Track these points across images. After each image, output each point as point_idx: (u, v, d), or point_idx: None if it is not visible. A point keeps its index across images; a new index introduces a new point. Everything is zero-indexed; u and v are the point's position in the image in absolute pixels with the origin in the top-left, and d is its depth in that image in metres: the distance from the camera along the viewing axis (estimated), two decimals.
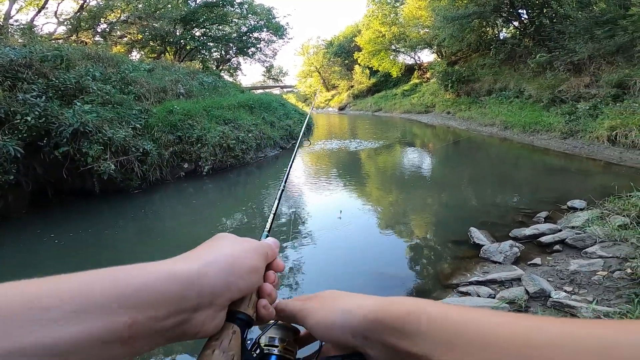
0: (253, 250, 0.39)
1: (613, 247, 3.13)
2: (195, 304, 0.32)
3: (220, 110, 8.86)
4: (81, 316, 0.25)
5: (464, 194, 5.93)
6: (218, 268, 0.34)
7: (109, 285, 0.28)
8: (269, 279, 0.42)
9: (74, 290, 0.26)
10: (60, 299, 0.25)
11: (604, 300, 2.48)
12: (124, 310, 0.27)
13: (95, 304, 0.26)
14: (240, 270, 0.36)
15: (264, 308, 0.40)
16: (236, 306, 0.37)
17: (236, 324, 0.36)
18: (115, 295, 0.27)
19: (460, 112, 15.45)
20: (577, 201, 4.45)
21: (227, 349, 0.33)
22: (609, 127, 7.81)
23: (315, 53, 42.41)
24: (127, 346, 0.28)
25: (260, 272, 0.40)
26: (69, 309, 0.25)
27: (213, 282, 0.33)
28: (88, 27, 14.41)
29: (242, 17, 19.09)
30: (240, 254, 0.37)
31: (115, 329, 0.27)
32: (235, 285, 0.35)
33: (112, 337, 0.26)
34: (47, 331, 0.24)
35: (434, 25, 18.30)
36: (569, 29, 11.01)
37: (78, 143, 5.70)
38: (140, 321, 0.28)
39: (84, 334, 0.25)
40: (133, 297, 0.28)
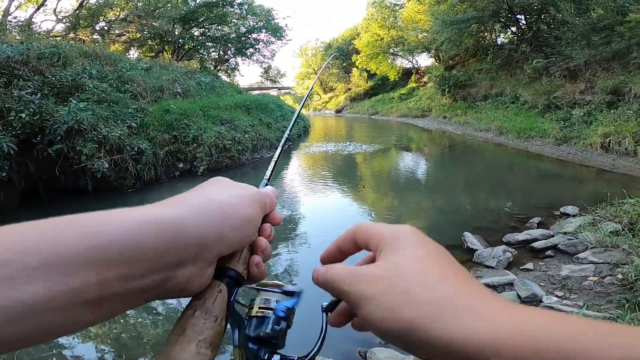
0: (249, 197, 0.34)
1: (604, 253, 3.16)
2: (178, 259, 0.27)
3: (217, 110, 8.86)
4: (44, 273, 0.21)
5: (458, 199, 5.96)
6: (206, 216, 0.29)
7: (76, 235, 0.23)
8: (265, 232, 0.37)
9: (35, 240, 0.22)
10: (19, 251, 0.21)
11: (595, 305, 2.50)
12: (90, 266, 0.22)
13: (59, 259, 0.22)
14: (233, 220, 0.31)
15: (257, 266, 0.35)
16: (224, 262, 0.32)
17: (223, 282, 0.31)
18: (84, 247, 0.23)
19: (456, 117, 15.52)
20: (570, 207, 4.48)
21: (210, 309, 0.29)
22: (602, 134, 7.87)
23: (313, 55, 42.52)
24: (94, 308, 0.23)
25: (255, 224, 0.34)
26: (30, 263, 0.21)
27: (200, 233, 0.28)
28: (87, 25, 14.37)
29: (242, 18, 19.12)
30: (234, 201, 0.32)
31: (79, 288, 0.22)
32: (226, 238, 0.30)
33: (75, 299, 0.22)
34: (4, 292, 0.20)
35: (432, 30, 18.41)
36: (566, 34, 11.07)
37: (72, 141, 5.67)
38: (109, 279, 0.23)
39: (44, 295, 0.21)
40: (102, 251, 0.23)
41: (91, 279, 0.22)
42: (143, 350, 2.53)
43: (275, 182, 7.29)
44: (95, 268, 0.23)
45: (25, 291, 0.20)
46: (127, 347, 2.54)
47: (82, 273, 0.22)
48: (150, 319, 2.87)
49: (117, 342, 2.60)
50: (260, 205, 0.35)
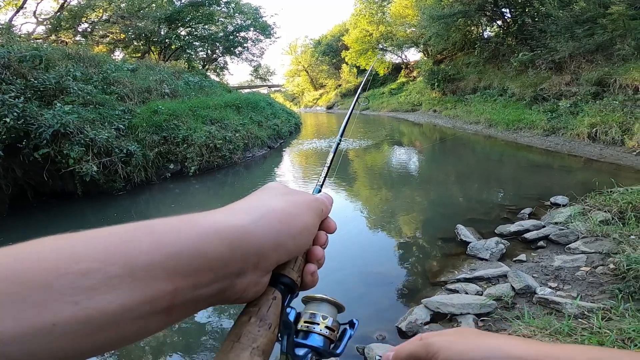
0: (307, 205, 0.34)
1: (595, 243, 3.19)
2: (240, 268, 0.27)
3: (206, 110, 8.77)
4: (123, 282, 0.21)
5: (450, 191, 6.00)
6: (268, 226, 0.29)
7: (154, 243, 0.23)
8: (320, 240, 0.37)
9: (115, 249, 0.22)
10: (101, 261, 0.21)
11: (588, 295, 2.52)
12: (167, 276, 0.23)
13: (139, 268, 0.22)
14: (292, 229, 0.31)
15: (312, 275, 0.35)
16: (279, 268, 0.32)
17: (278, 289, 0.32)
18: (160, 257, 0.23)
19: (446, 111, 15.64)
20: (560, 197, 4.53)
21: (265, 316, 0.29)
22: (589, 125, 7.99)
23: (302, 52, 42.35)
24: (165, 316, 0.24)
25: (313, 232, 0.34)
26: (112, 273, 0.21)
27: (261, 242, 0.28)
28: (69, 26, 14.07)
29: (229, 17, 18.93)
30: (293, 210, 0.32)
31: (156, 298, 0.22)
32: (285, 247, 0.30)
33: (151, 308, 0.22)
34: (85, 302, 0.19)
35: (420, 24, 18.48)
36: (550, 27, 11.20)
37: (59, 144, 5.56)
38: (182, 288, 0.24)
39: (124, 305, 0.21)
40: (179, 261, 0.23)
41: (166, 288, 0.23)
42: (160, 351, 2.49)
43: (267, 181, 7.25)
44: (170, 277, 0.23)
45: (106, 301, 0.20)
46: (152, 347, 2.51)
47: (159, 282, 0.22)
48: None
49: None
50: (318, 213, 0.35)
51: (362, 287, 3.16)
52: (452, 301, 2.58)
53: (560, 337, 1.98)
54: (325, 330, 0.35)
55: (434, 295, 2.79)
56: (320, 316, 0.35)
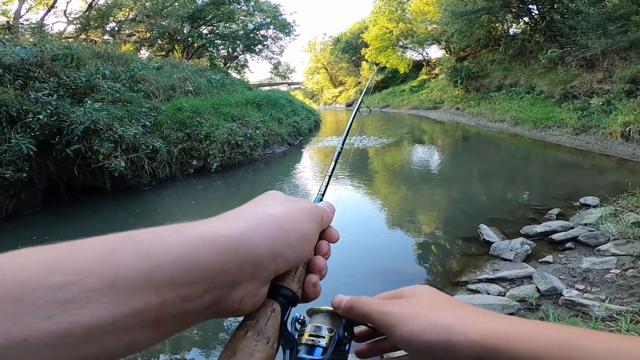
0: (306, 212, 0.32)
1: (627, 245, 3.07)
2: (234, 278, 0.26)
3: (228, 107, 8.91)
4: (104, 295, 0.20)
5: (473, 190, 5.87)
6: (264, 234, 0.28)
7: (136, 255, 0.22)
8: (321, 250, 0.35)
9: (95, 261, 0.21)
10: (78, 273, 0.20)
11: (617, 298, 2.44)
12: (152, 288, 0.22)
13: (120, 280, 0.21)
14: (291, 237, 0.29)
15: (314, 286, 0.33)
16: (279, 280, 0.31)
17: (277, 302, 0.30)
18: (146, 268, 0.22)
19: (469, 108, 15.29)
20: (590, 198, 4.36)
21: (263, 330, 0.28)
22: (622, 123, 7.66)
23: (322, 50, 42.32)
24: (151, 331, 0.22)
25: (313, 241, 0.33)
26: (90, 286, 0.20)
27: (258, 251, 0.27)
28: (97, 25, 14.59)
29: (249, 15, 19.14)
30: (291, 217, 0.30)
31: (141, 311, 0.21)
32: (283, 256, 0.29)
33: (137, 322, 0.21)
34: (61, 316, 0.19)
35: (442, 21, 18.14)
36: (580, 24, 10.82)
37: (89, 141, 5.78)
38: (170, 301, 0.22)
39: (105, 318, 0.20)
40: (166, 272, 0.22)
41: (153, 301, 0.22)
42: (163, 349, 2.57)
43: (287, 178, 7.32)
44: (157, 289, 0.22)
45: (85, 314, 0.19)
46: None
47: (144, 295, 0.21)
48: None
49: None
50: (318, 221, 0.34)
51: (380, 286, 3.14)
52: (473, 301, 2.53)
53: None
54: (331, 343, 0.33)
55: (455, 295, 2.75)
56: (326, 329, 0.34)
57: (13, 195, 5.09)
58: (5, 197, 5.00)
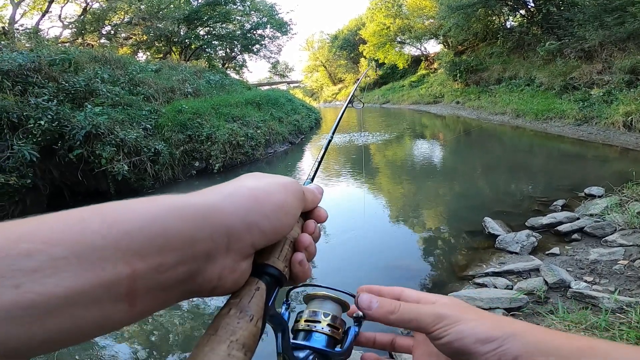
0: (283, 185, 0.32)
1: (633, 235, 3.05)
2: (208, 248, 0.25)
3: (228, 107, 8.90)
4: (71, 264, 0.19)
5: (477, 183, 5.86)
6: (237, 203, 0.27)
7: (103, 223, 0.21)
8: (308, 228, 0.35)
9: (62, 230, 0.20)
10: (45, 242, 0.19)
11: (626, 290, 2.43)
12: (121, 256, 0.21)
13: (87, 248, 0.20)
14: (265, 208, 0.29)
15: (300, 264, 0.33)
16: (264, 258, 0.30)
17: (262, 280, 0.29)
18: (114, 235, 0.21)
19: (469, 102, 15.25)
20: (595, 188, 4.35)
21: (245, 307, 0.27)
22: (624, 113, 7.64)
23: (320, 47, 42.23)
24: (127, 305, 0.22)
25: (292, 214, 0.32)
26: (56, 254, 0.19)
27: (229, 220, 0.26)
28: (93, 29, 14.57)
29: (245, 15, 19.09)
30: (266, 188, 0.30)
31: (112, 281, 0.20)
32: (258, 226, 0.28)
33: (107, 292, 0.20)
34: (28, 285, 0.18)
35: (438, 15, 18.09)
36: (577, 16, 10.84)
37: (91, 145, 5.78)
38: (142, 271, 0.22)
39: (73, 288, 0.19)
40: (134, 239, 0.22)
41: (122, 271, 0.21)
42: (172, 348, 2.58)
43: (289, 176, 7.31)
44: (126, 258, 0.21)
45: (52, 284, 0.19)
46: (156, 346, 2.60)
47: (113, 264, 0.21)
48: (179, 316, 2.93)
49: (148, 340, 2.67)
50: (297, 196, 0.33)
51: (386, 281, 3.14)
52: (480, 295, 2.52)
53: (597, 332, 1.92)
54: (328, 328, 0.33)
55: (461, 290, 2.75)
56: (322, 314, 0.33)
57: (18, 202, 5.11)
58: (10, 203, 5.01)
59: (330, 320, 0.33)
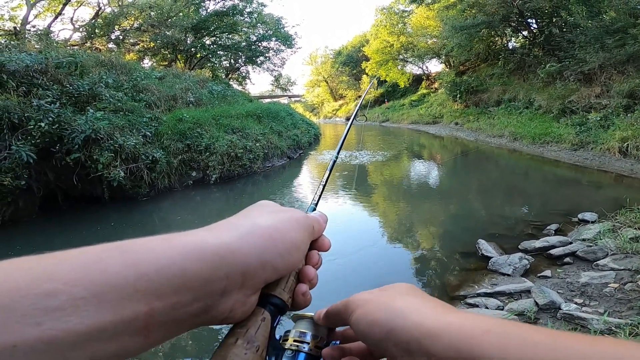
0: (296, 221, 0.32)
1: (625, 260, 3.07)
2: (223, 287, 0.26)
3: (228, 119, 8.95)
4: (91, 304, 0.20)
5: (472, 205, 5.88)
6: (253, 243, 0.28)
7: (123, 264, 0.22)
8: (312, 260, 0.36)
9: (82, 270, 0.21)
10: (66, 282, 0.20)
11: (616, 312, 2.43)
12: (141, 297, 0.22)
13: (106, 289, 0.21)
14: (280, 247, 0.30)
15: (303, 295, 0.34)
16: (269, 288, 0.31)
17: (267, 310, 0.31)
18: (133, 277, 0.22)
19: (468, 123, 15.36)
20: (588, 214, 4.37)
21: (252, 338, 0.28)
22: (620, 139, 7.70)
23: (323, 63, 42.83)
24: (141, 338, 0.23)
25: (303, 250, 0.33)
26: (77, 294, 0.20)
27: (246, 260, 0.27)
28: (102, 34, 14.76)
29: (252, 27, 19.42)
30: (280, 227, 0.31)
31: (129, 319, 0.22)
32: (272, 265, 0.29)
33: (125, 329, 0.22)
34: (50, 323, 0.19)
35: (442, 35, 18.35)
36: (579, 38, 10.89)
37: (89, 150, 5.78)
38: (159, 310, 0.23)
39: (93, 326, 0.20)
40: (153, 280, 0.23)
41: (140, 309, 0.22)
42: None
43: (285, 191, 7.32)
44: (144, 298, 0.22)
45: (73, 322, 0.20)
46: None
47: (132, 303, 0.22)
48: None
49: None
50: (308, 231, 0.34)
51: None
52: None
53: None
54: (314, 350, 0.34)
55: None
56: (310, 335, 0.34)
57: (10, 203, 5.08)
58: (2, 204, 4.99)
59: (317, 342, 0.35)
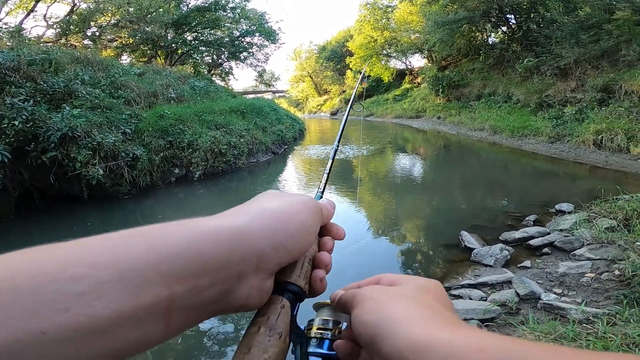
0: (303, 204, 0.33)
1: (601, 250, 3.18)
2: (240, 270, 0.26)
3: (211, 115, 8.83)
4: (116, 288, 0.20)
5: (454, 198, 5.99)
6: (264, 226, 0.29)
7: (147, 247, 0.23)
8: (326, 246, 0.37)
9: (107, 254, 0.21)
10: (92, 266, 0.20)
11: (593, 301, 2.52)
12: (161, 280, 0.22)
13: (130, 273, 0.21)
14: (290, 228, 0.30)
15: (320, 281, 0.34)
16: (285, 276, 0.32)
17: (285, 297, 0.31)
18: (154, 260, 0.22)
19: (450, 117, 15.62)
20: (565, 204, 4.52)
21: (274, 325, 0.29)
22: (594, 131, 7.97)
23: (307, 58, 42.60)
24: (163, 324, 0.23)
25: (312, 232, 0.33)
26: (102, 278, 0.20)
27: (259, 243, 0.28)
28: (78, 30, 14.24)
29: (234, 22, 19.08)
30: (289, 209, 0.31)
31: (152, 303, 0.22)
32: (284, 247, 0.29)
33: (148, 314, 0.22)
34: (76, 309, 0.19)
35: (424, 30, 18.53)
36: (555, 33, 11.18)
37: (66, 148, 5.62)
38: (179, 293, 0.23)
39: (118, 310, 0.20)
40: (173, 264, 0.23)
41: (162, 293, 0.22)
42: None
43: (271, 187, 7.28)
44: (165, 281, 0.22)
45: (98, 307, 0.20)
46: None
47: (154, 287, 0.22)
48: None
49: None
50: (317, 214, 0.34)
51: None
52: (455, 306, 2.57)
53: (565, 341, 1.98)
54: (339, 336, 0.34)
55: None
56: (332, 322, 0.35)
57: None
58: None
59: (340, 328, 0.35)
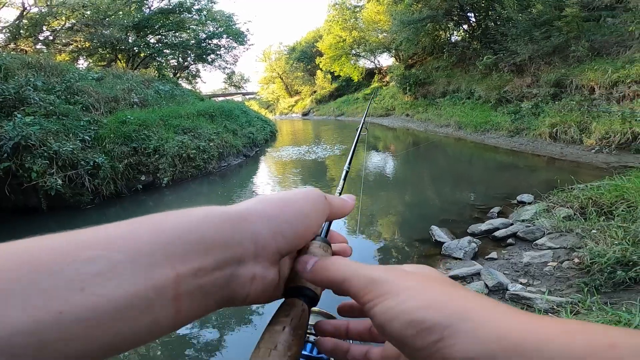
0: (304, 193, 0.33)
1: (560, 238, 3.35)
2: (239, 254, 0.27)
3: (178, 119, 8.58)
4: (127, 269, 0.21)
5: (424, 194, 6.14)
6: (261, 211, 0.29)
7: (151, 231, 0.24)
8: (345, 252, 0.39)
9: (118, 238, 0.22)
10: (105, 248, 0.21)
11: (557, 290, 2.61)
12: (167, 261, 0.23)
13: (140, 254, 0.22)
14: (287, 214, 0.30)
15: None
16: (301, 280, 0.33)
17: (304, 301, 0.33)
18: (162, 243, 0.23)
19: (418, 114, 16.01)
20: (526, 195, 4.73)
21: (297, 326, 0.30)
22: (550, 125, 8.41)
23: (277, 59, 42.32)
24: (173, 310, 0.23)
25: (313, 220, 0.33)
26: (115, 259, 0.21)
27: (254, 227, 0.28)
28: (28, 35, 13.39)
29: (201, 24, 18.60)
30: (287, 197, 0.32)
31: (160, 285, 0.22)
32: (281, 233, 0.29)
33: (157, 297, 0.22)
34: (91, 288, 0.19)
35: (391, 30, 18.87)
36: (510, 31, 11.64)
37: (20, 158, 5.29)
38: (184, 274, 0.23)
39: (130, 291, 0.21)
40: (177, 245, 0.24)
41: (168, 274, 0.23)
42: None
43: (244, 190, 7.16)
44: (170, 263, 0.23)
45: (112, 287, 0.20)
46: None
47: (160, 268, 0.22)
48: None
49: None
50: (317, 202, 0.34)
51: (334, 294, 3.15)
52: None
53: None
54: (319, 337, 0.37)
55: None
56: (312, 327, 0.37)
57: None
58: None
59: None
